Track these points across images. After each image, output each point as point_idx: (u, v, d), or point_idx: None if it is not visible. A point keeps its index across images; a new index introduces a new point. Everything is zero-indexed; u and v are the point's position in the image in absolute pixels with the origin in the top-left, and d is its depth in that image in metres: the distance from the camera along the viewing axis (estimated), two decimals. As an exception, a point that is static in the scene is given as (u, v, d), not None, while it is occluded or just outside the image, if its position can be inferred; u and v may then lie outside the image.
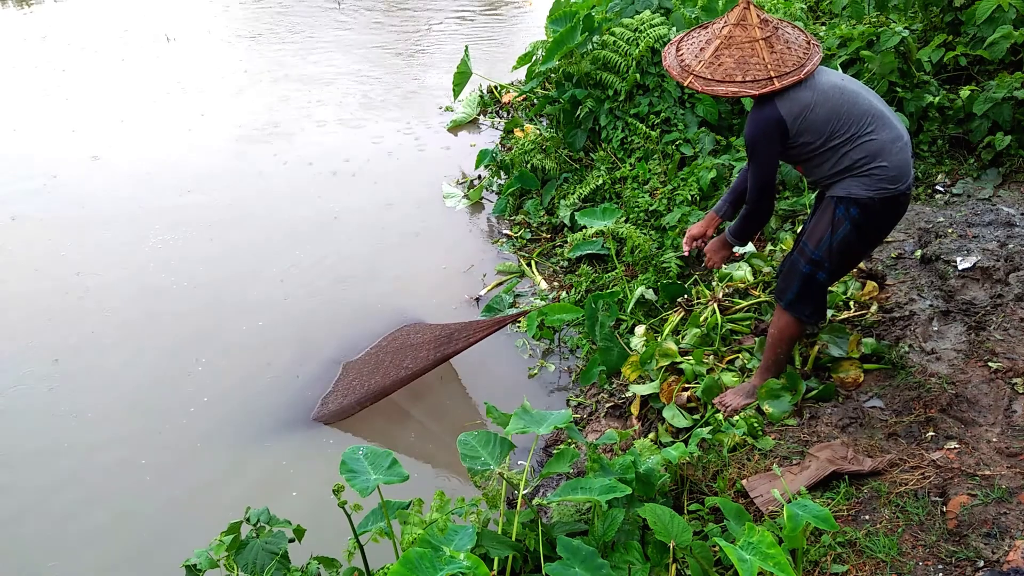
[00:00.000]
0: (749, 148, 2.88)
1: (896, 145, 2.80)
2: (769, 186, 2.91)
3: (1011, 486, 2.43)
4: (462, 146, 6.97)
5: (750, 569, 1.96)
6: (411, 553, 1.93)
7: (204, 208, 5.92)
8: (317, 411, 4.08)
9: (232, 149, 6.83)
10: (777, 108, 2.76)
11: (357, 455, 2.32)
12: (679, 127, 5.15)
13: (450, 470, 3.73)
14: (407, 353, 4.13)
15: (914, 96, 4.43)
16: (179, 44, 9.52)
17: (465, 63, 6.40)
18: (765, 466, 2.90)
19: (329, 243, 5.50)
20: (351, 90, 8.04)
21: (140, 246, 5.45)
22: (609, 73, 5.43)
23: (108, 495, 3.62)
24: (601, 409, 3.92)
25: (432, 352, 3.99)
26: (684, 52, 2.93)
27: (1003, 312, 3.25)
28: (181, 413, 4.05)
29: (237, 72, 8.56)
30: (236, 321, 4.74)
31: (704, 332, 3.77)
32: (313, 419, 4.04)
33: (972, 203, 4.10)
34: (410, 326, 4.56)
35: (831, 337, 3.36)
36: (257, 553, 2.54)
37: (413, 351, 4.12)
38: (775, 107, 2.76)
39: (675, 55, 2.95)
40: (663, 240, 4.63)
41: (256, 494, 3.50)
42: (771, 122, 2.78)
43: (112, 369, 4.37)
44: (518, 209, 5.82)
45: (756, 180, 2.91)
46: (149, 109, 7.66)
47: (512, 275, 5.19)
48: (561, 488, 2.43)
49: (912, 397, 3.00)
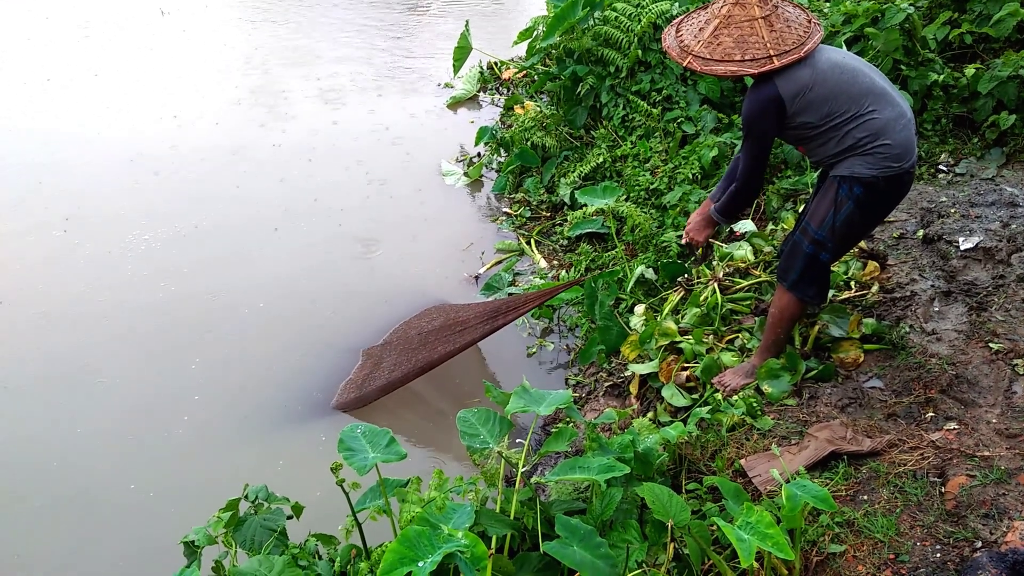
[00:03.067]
0: (745, 126, 2.87)
1: (899, 123, 2.77)
2: (761, 165, 2.92)
3: (1010, 467, 2.43)
4: (462, 123, 6.91)
5: (748, 548, 1.96)
6: (409, 531, 1.92)
7: (193, 195, 5.74)
8: (337, 399, 4.01)
9: (226, 129, 6.71)
10: (776, 87, 2.74)
11: (355, 433, 2.31)
12: (681, 105, 5.10)
13: (449, 447, 3.73)
14: (436, 335, 4.03)
15: (918, 74, 4.38)
16: (174, 18, 9.38)
17: (465, 38, 6.33)
18: (764, 446, 2.89)
19: (326, 224, 5.43)
20: (348, 67, 7.94)
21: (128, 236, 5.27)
22: (610, 49, 5.38)
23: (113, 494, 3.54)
24: (600, 388, 3.92)
25: (470, 332, 3.89)
26: (684, 33, 2.91)
27: (1005, 293, 3.24)
28: (198, 405, 3.97)
29: (230, 49, 8.43)
30: (238, 311, 4.62)
31: (704, 312, 3.76)
32: (333, 407, 3.97)
33: (975, 183, 4.07)
34: (435, 308, 4.46)
35: (831, 317, 3.34)
36: (255, 530, 2.54)
37: (441, 333, 4.02)
38: (774, 86, 2.75)
39: (675, 36, 2.93)
40: (664, 219, 4.60)
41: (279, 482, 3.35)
42: (769, 100, 2.76)
43: (114, 366, 4.21)
44: (518, 187, 5.79)
45: (749, 158, 2.92)
46: (134, 90, 7.51)
47: (511, 253, 5.16)
48: (559, 467, 2.43)
49: (912, 378, 2.99)
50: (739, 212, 3.18)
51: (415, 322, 4.37)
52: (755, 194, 3.06)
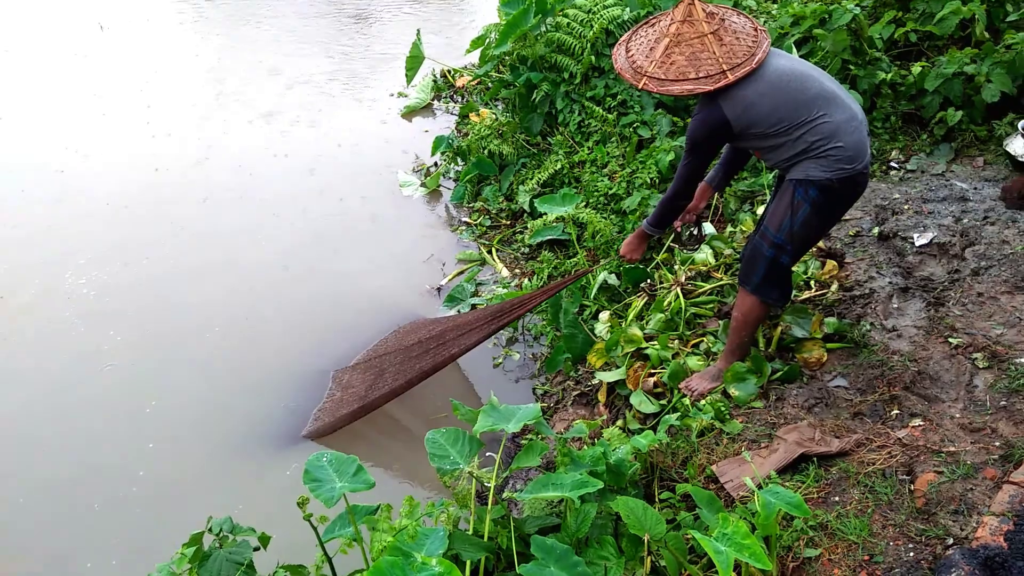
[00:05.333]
0: (689, 142, 2.93)
1: (851, 125, 2.79)
2: (696, 180, 3.06)
3: (976, 462, 2.47)
4: (417, 132, 6.84)
5: (726, 560, 1.95)
6: (382, 563, 1.87)
7: (145, 222, 5.52)
8: (308, 427, 3.87)
9: (165, 145, 6.53)
10: (722, 109, 2.78)
11: (321, 462, 2.25)
12: (636, 109, 5.12)
13: (418, 468, 3.66)
14: (411, 353, 3.91)
15: (867, 73, 4.45)
16: (112, 33, 9.13)
17: (417, 47, 6.28)
18: (734, 450, 2.90)
19: (282, 241, 5.31)
20: (297, 79, 7.80)
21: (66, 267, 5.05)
22: (564, 56, 5.37)
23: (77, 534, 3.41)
24: (568, 397, 3.90)
25: (448, 347, 3.78)
26: (634, 52, 2.90)
27: (961, 287, 3.30)
28: (156, 450, 3.81)
29: (175, 61, 8.23)
30: (192, 342, 4.45)
31: (668, 317, 3.76)
32: (304, 436, 3.84)
33: (926, 179, 4.15)
34: (410, 324, 4.36)
35: (794, 318, 3.37)
36: (221, 564, 2.45)
37: (417, 350, 3.89)
38: (719, 108, 2.78)
39: (626, 56, 2.92)
40: (624, 224, 4.60)
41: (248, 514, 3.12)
42: (716, 124, 2.81)
43: (66, 401, 4.06)
44: (476, 196, 5.75)
45: (686, 173, 3.01)
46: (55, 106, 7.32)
47: (473, 263, 5.12)
48: (532, 484, 2.39)
49: (875, 375, 3.02)
50: (669, 222, 3.29)
51: (389, 340, 4.27)
52: (685, 204, 3.19)
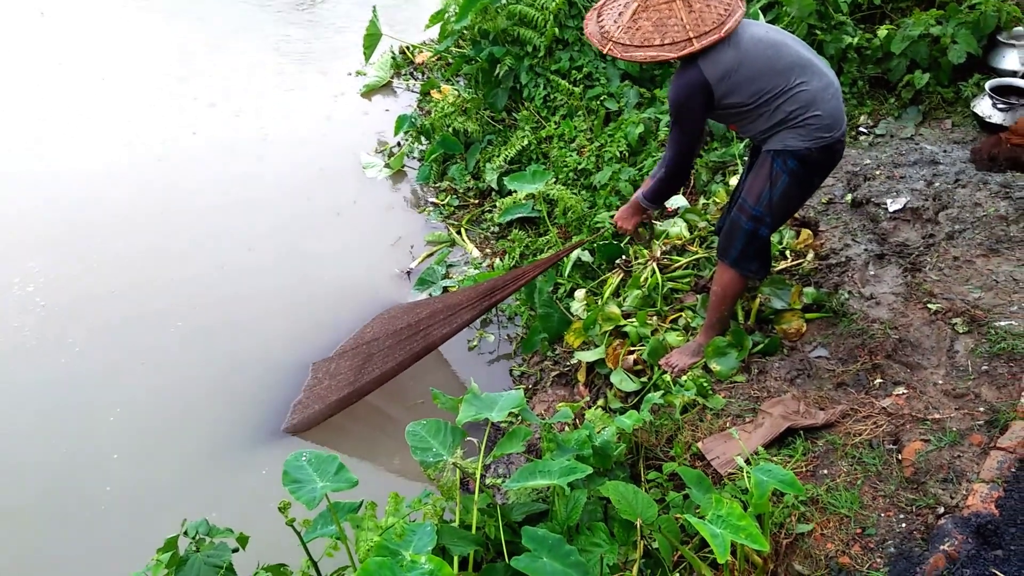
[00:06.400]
0: (673, 112, 2.81)
1: (827, 92, 2.75)
2: (691, 151, 2.89)
3: (961, 428, 2.46)
4: (378, 112, 6.66)
5: (723, 543, 1.91)
6: (370, 564, 1.80)
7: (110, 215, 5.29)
8: (287, 422, 3.73)
9: (117, 137, 6.26)
10: (701, 71, 2.68)
11: (300, 462, 2.16)
12: (602, 82, 5.03)
13: (401, 459, 3.57)
14: (393, 340, 3.78)
15: (833, 38, 4.41)
16: (52, 20, 8.76)
17: (374, 24, 6.11)
18: (719, 426, 2.87)
19: (243, 231, 5.12)
20: (247, 62, 7.51)
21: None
22: (527, 28, 5.25)
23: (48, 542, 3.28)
24: (547, 378, 3.84)
25: (431, 332, 3.66)
26: (604, 18, 2.81)
27: (936, 252, 3.29)
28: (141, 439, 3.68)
29: (120, 49, 7.89)
30: (161, 338, 4.27)
31: (645, 293, 3.71)
32: (284, 431, 3.71)
33: (896, 143, 4.14)
34: (389, 310, 4.23)
35: (772, 289, 3.34)
36: (199, 568, 2.35)
37: (398, 336, 3.77)
38: (699, 70, 2.68)
39: (596, 22, 2.83)
40: (595, 199, 4.53)
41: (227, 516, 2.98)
42: (695, 86, 2.70)
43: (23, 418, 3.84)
44: (443, 175, 5.63)
45: (678, 144, 2.86)
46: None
47: (442, 245, 5.02)
48: (519, 473, 2.34)
49: (856, 344, 3.01)
50: (668, 198, 3.19)
51: (374, 326, 4.15)
52: (684, 180, 3.06)
